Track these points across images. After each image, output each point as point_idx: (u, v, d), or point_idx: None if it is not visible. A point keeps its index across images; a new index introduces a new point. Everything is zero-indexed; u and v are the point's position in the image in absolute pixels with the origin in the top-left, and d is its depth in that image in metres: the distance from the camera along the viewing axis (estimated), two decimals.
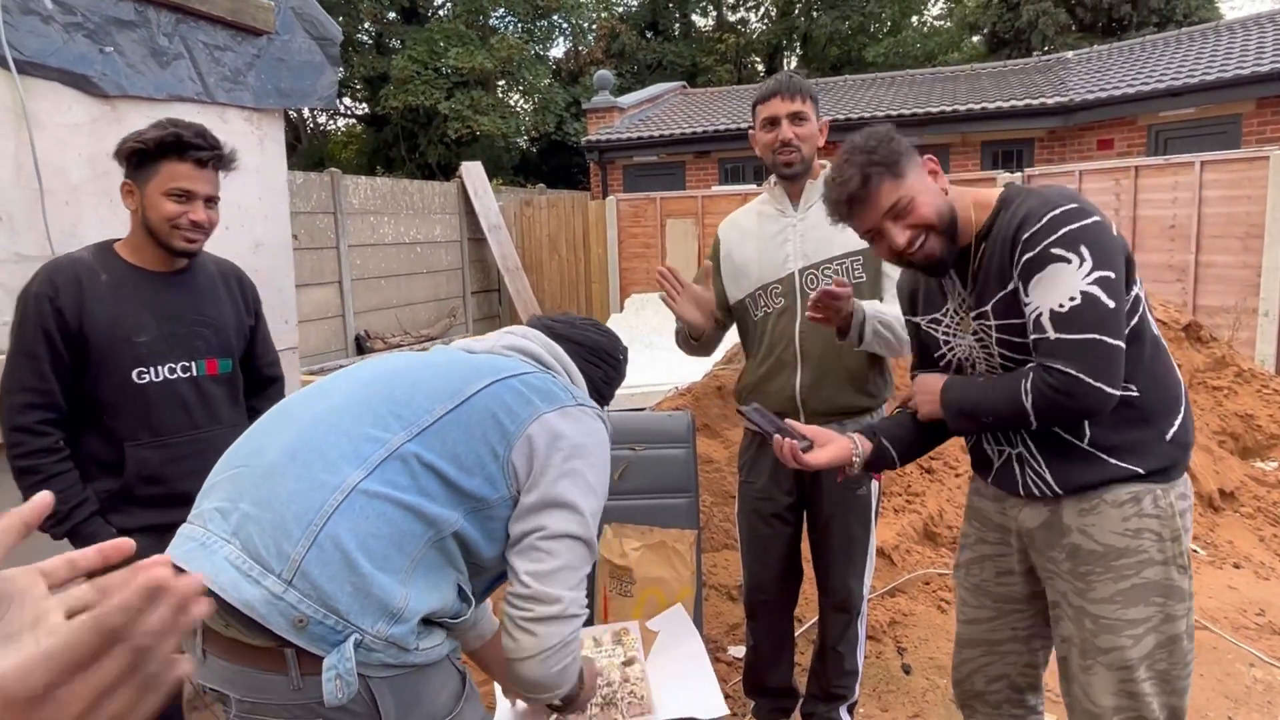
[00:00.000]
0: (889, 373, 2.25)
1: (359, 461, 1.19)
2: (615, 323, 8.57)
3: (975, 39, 20.77)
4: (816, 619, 2.39)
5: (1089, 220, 1.46)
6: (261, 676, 1.14)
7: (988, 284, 1.58)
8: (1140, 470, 1.53)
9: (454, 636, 1.31)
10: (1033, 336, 1.49)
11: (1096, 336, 1.43)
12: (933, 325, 1.76)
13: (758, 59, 23.18)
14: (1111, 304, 1.44)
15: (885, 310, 2.02)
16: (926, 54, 19.69)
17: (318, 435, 1.22)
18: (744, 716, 2.54)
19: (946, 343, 1.74)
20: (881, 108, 11.89)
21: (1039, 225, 1.48)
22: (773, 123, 2.12)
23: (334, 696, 1.10)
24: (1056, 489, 1.58)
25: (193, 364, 1.92)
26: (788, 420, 1.76)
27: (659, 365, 6.55)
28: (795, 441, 1.67)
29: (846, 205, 1.57)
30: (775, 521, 2.25)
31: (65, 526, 1.79)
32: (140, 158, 1.81)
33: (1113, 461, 1.54)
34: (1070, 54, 13.22)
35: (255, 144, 2.77)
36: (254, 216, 2.76)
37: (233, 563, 1.12)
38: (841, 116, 11.79)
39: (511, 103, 18.00)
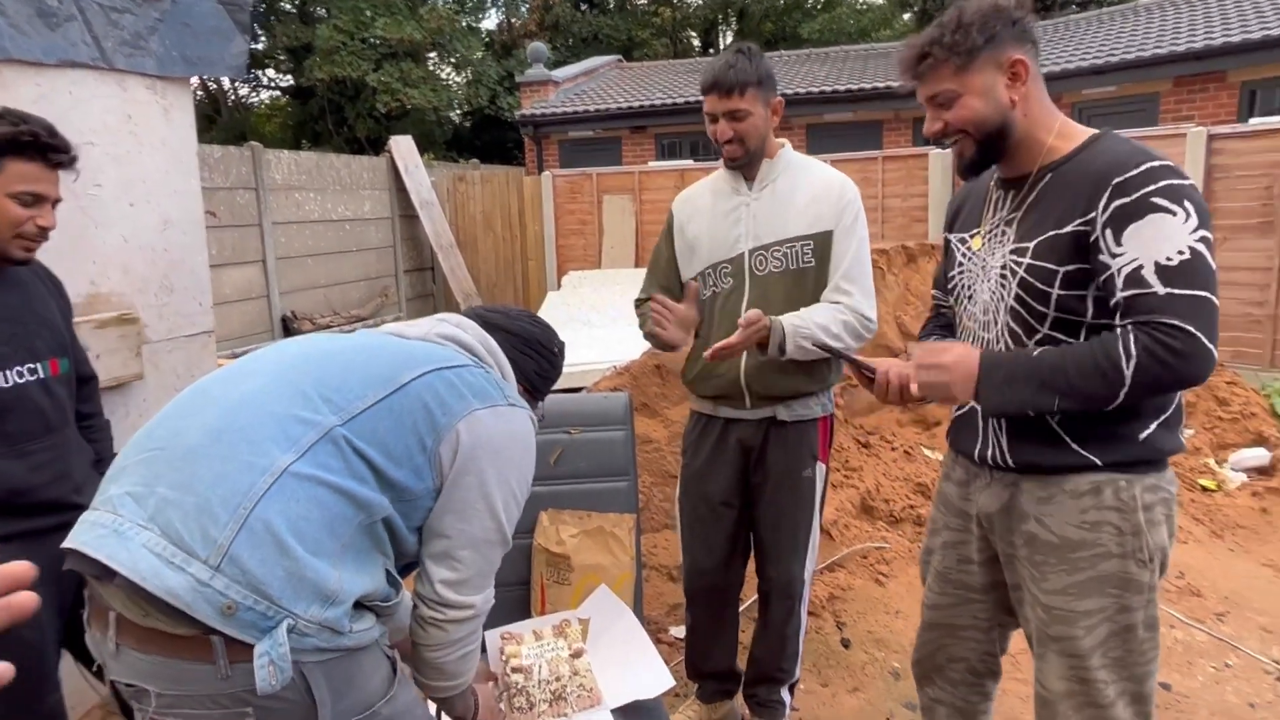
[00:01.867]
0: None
1: (289, 444, 1.16)
2: (552, 300, 8.46)
3: (906, 16, 21.03)
4: (756, 599, 2.37)
5: (1188, 181, 1.36)
6: (185, 667, 1.09)
7: (1042, 219, 1.47)
8: (1098, 462, 1.46)
9: (383, 624, 1.29)
10: (1127, 293, 1.34)
11: (1208, 295, 1.31)
12: (960, 243, 1.69)
13: (694, 33, 23.05)
14: (1214, 266, 1.32)
15: (808, 320, 2.00)
16: (860, 30, 19.83)
17: (243, 416, 1.18)
18: (688, 697, 2.52)
19: (960, 264, 1.66)
20: (816, 83, 11.94)
21: (1136, 171, 1.36)
22: (711, 119, 2.07)
23: (267, 684, 1.08)
24: (1009, 461, 1.54)
25: (38, 365, 1.76)
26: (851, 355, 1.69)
27: (596, 344, 6.48)
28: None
29: (902, 70, 1.52)
30: (718, 505, 2.22)
31: None
32: None
33: (1073, 447, 1.47)
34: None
35: (160, 114, 2.59)
36: (161, 192, 2.59)
37: (152, 549, 1.07)
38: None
39: (443, 75, 17.53)
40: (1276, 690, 2.64)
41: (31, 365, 1.75)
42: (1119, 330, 1.36)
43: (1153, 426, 1.46)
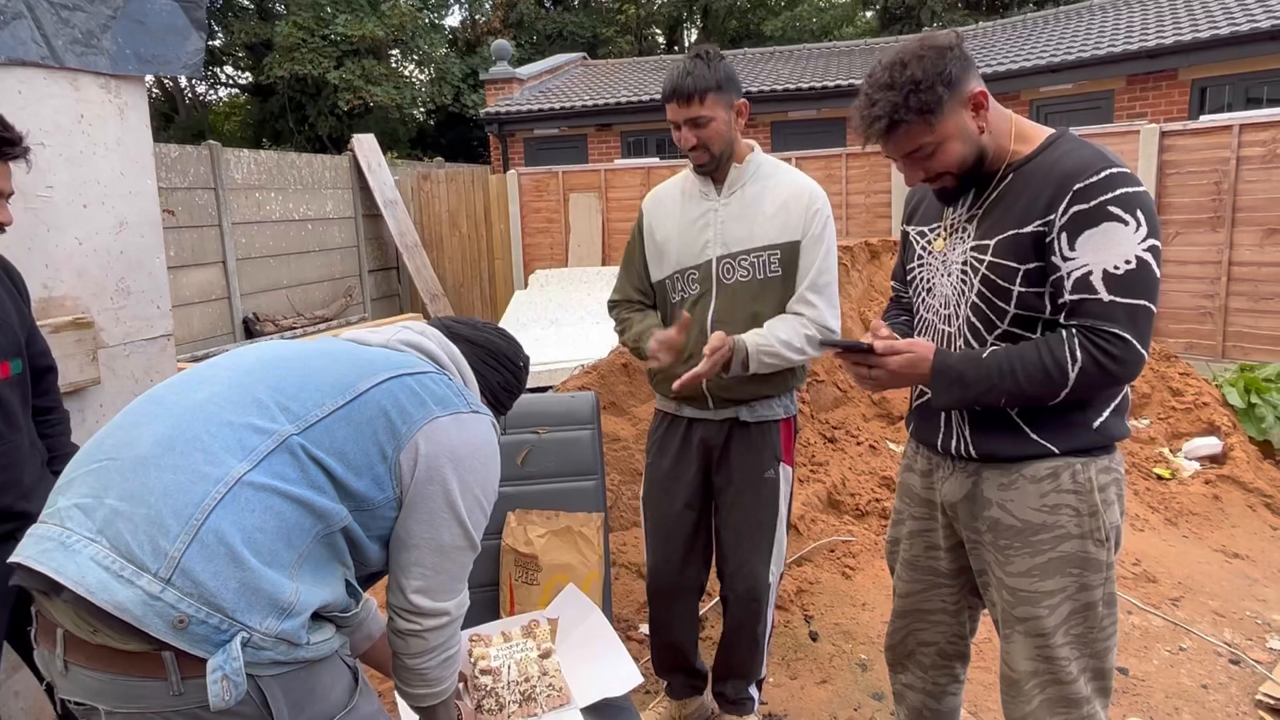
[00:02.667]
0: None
1: (244, 453, 1.13)
2: (519, 299, 8.42)
3: (868, 14, 21.24)
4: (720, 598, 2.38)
5: (1141, 189, 1.42)
6: (136, 684, 1.06)
7: (1003, 218, 1.52)
8: (1055, 450, 1.53)
9: (343, 634, 1.27)
10: (1075, 296, 1.42)
11: (1147, 304, 1.40)
12: (919, 236, 1.72)
13: (659, 31, 23.06)
14: (1159, 274, 1.42)
15: (770, 337, 2.02)
16: (822, 28, 19.99)
17: (196, 425, 1.15)
18: (658, 695, 2.53)
19: (920, 258, 1.70)
20: (780, 81, 12.01)
21: (1096, 178, 1.40)
22: (675, 126, 2.06)
23: (220, 699, 1.05)
24: (973, 453, 1.60)
25: None
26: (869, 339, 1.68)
27: (564, 343, 6.47)
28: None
29: (866, 138, 1.52)
30: (681, 506, 2.22)
31: None
32: None
33: (1032, 436, 1.54)
34: (958, 30, 13.66)
35: (115, 114, 2.53)
36: (116, 193, 2.53)
37: (100, 562, 1.04)
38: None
39: (406, 73, 17.35)
40: (1229, 672, 2.72)
41: None
42: (1064, 332, 1.45)
43: (1105, 414, 1.54)
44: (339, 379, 1.25)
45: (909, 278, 1.76)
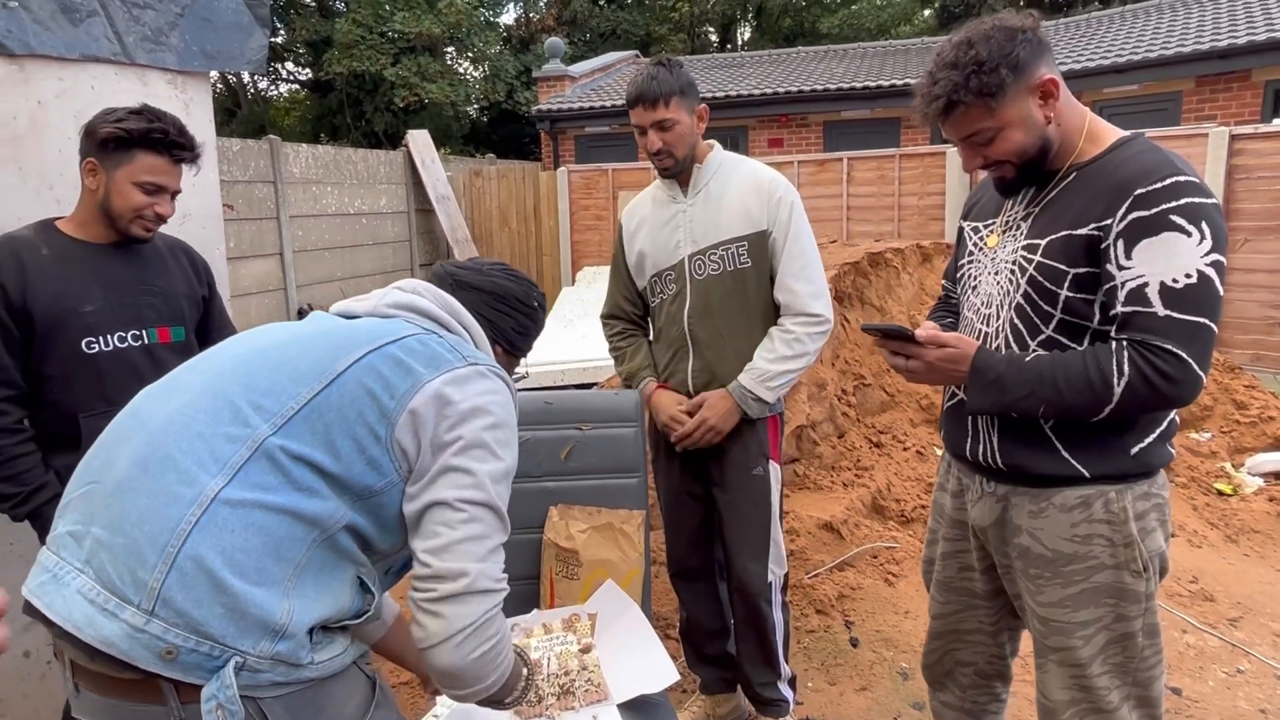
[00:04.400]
0: None
1: (217, 467, 1.06)
2: (566, 296, 8.47)
3: (927, 13, 20.87)
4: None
5: (1210, 200, 1.33)
6: (138, 709, 1.04)
7: (1057, 218, 1.44)
8: (1086, 474, 1.45)
9: (355, 635, 1.21)
10: (1128, 308, 1.34)
11: (1207, 322, 1.31)
12: (974, 232, 1.67)
13: (712, 29, 22.98)
14: (1222, 291, 1.32)
15: (758, 363, 2.12)
16: (880, 26, 19.71)
17: (169, 442, 1.08)
18: (693, 693, 2.53)
19: (970, 254, 1.65)
20: (834, 80, 11.88)
21: (1160, 185, 1.32)
22: (640, 131, 2.13)
23: None
24: (999, 462, 1.53)
25: (143, 332, 1.93)
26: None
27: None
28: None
29: (924, 116, 1.46)
30: (684, 495, 2.32)
31: (26, 509, 1.79)
32: (116, 143, 1.81)
33: (1063, 455, 1.46)
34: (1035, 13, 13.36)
35: (180, 109, 2.61)
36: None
37: (86, 596, 1.01)
38: (795, 89, 11.76)
39: (460, 70, 17.56)
40: None
41: (136, 331, 1.92)
42: (1114, 345, 1.36)
43: (1147, 441, 1.45)
44: (314, 363, 1.15)
45: (958, 275, 1.71)
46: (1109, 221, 1.36)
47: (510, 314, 1.44)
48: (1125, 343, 1.34)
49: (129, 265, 1.95)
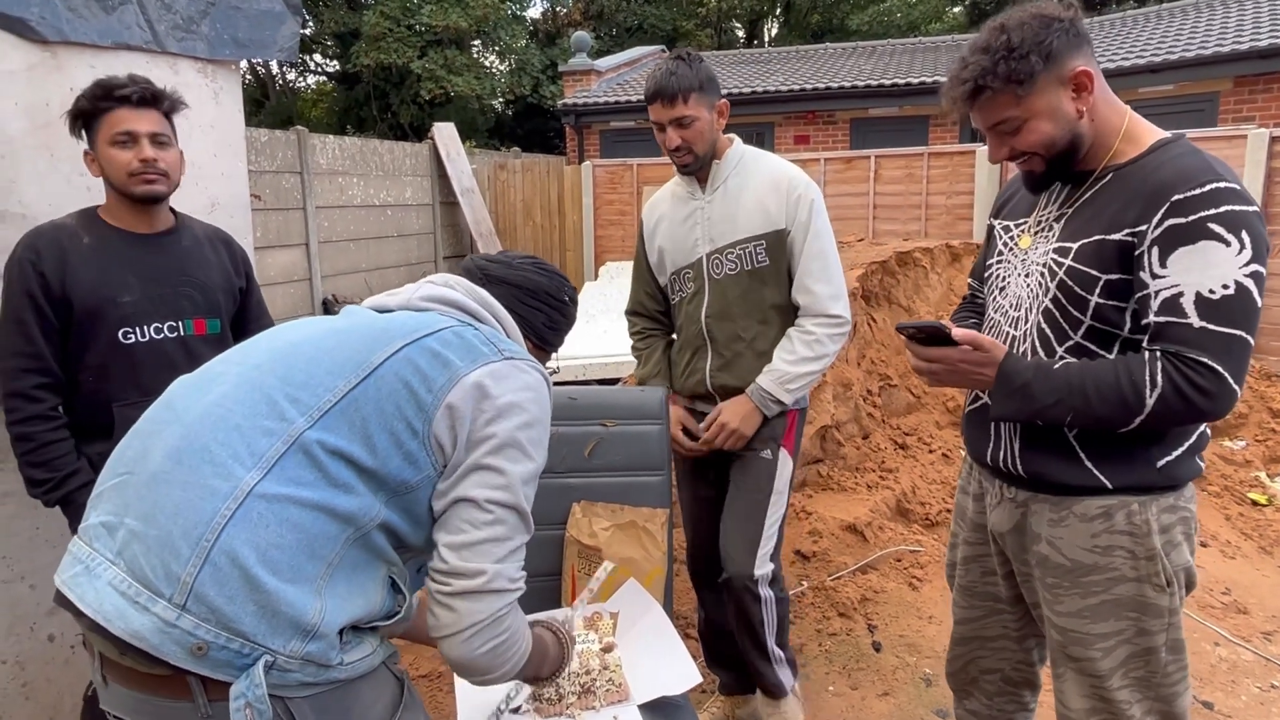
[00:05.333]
0: None
1: (253, 460, 1.05)
2: (590, 290, 8.45)
3: (957, 9, 20.64)
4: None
5: (1252, 208, 1.28)
6: (166, 704, 1.03)
7: (1091, 221, 1.39)
8: (1109, 485, 1.41)
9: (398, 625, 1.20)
10: (1161, 318, 1.29)
11: (1244, 334, 1.26)
12: (1004, 230, 1.62)
13: (739, 25, 22.86)
14: (1260, 303, 1.27)
15: (779, 365, 2.09)
16: (909, 23, 19.52)
17: (204, 434, 1.07)
18: (713, 693, 2.51)
19: (1000, 254, 1.60)
20: (862, 77, 11.77)
21: (1198, 191, 1.27)
22: (659, 127, 2.09)
23: None
24: (1019, 469, 1.50)
25: (179, 324, 1.95)
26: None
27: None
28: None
29: (950, 100, 1.42)
30: (702, 490, 2.30)
31: (58, 494, 1.81)
32: (84, 120, 1.83)
33: (1086, 464, 1.42)
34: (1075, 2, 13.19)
35: (210, 97, 2.62)
36: (209, 175, 2.62)
37: (117, 588, 1.01)
38: (823, 85, 11.66)
39: (487, 63, 17.60)
40: None
41: (173, 323, 1.93)
42: (1147, 355, 1.31)
43: (1175, 453, 1.41)
44: (351, 356, 1.14)
45: (986, 274, 1.66)
46: (1144, 228, 1.31)
47: (542, 308, 1.42)
48: (1159, 354, 1.30)
49: (169, 256, 1.96)
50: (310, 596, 1.04)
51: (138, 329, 1.88)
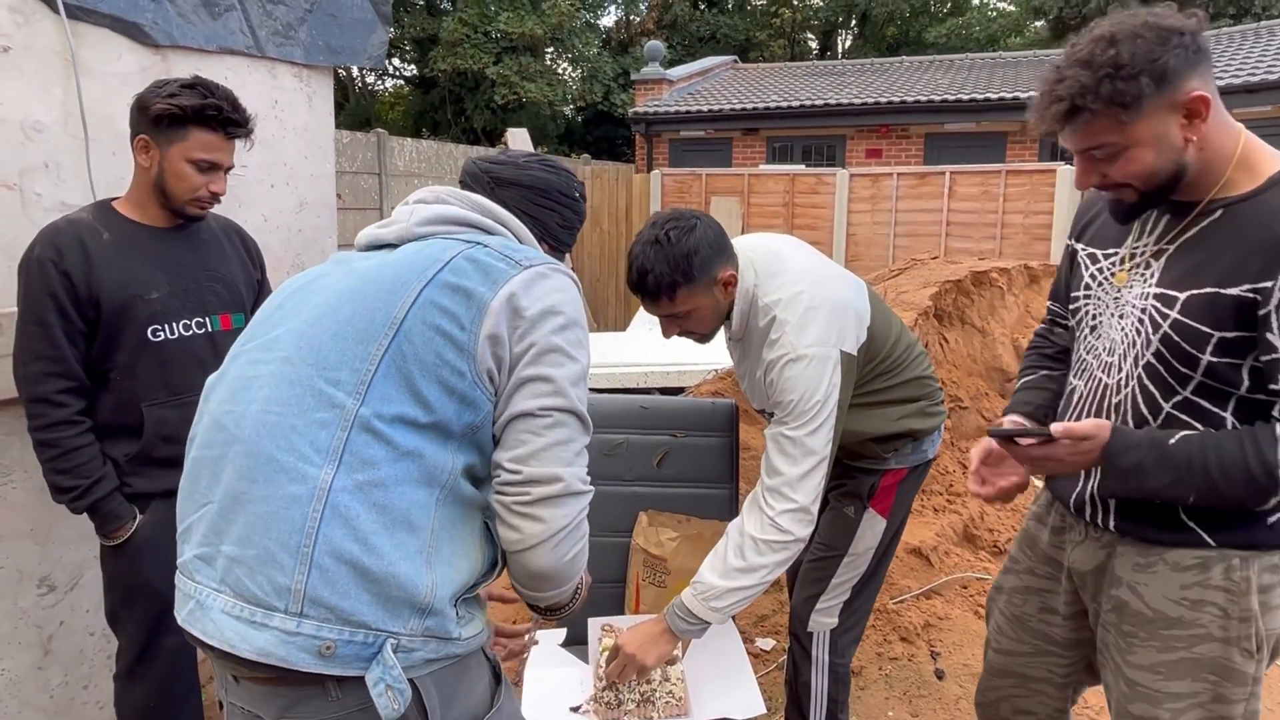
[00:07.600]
0: (908, 436, 1.95)
1: (320, 457, 1.04)
2: None
3: (1039, 24, 20.13)
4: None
5: None
6: (296, 693, 1.06)
7: (1201, 268, 1.23)
8: (1211, 541, 1.29)
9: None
10: None
11: None
12: (1091, 260, 1.44)
13: (812, 36, 22.71)
14: None
15: (705, 577, 1.69)
16: (989, 37, 19.13)
17: (265, 444, 1.06)
18: (777, 714, 2.48)
19: (1088, 290, 1.43)
20: (939, 92, 11.57)
21: None
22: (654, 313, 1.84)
23: (391, 709, 1.01)
24: (1112, 524, 1.38)
25: (206, 319, 1.90)
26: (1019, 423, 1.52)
27: (696, 345, 6.45)
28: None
29: (1040, 120, 1.26)
30: None
31: (85, 502, 1.76)
32: (169, 120, 1.74)
33: (1183, 518, 1.31)
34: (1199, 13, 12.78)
35: (304, 101, 2.72)
36: (299, 175, 2.72)
37: (230, 613, 1.03)
38: (897, 99, 11.50)
39: (559, 70, 17.84)
40: None
41: (200, 319, 1.89)
42: (1276, 427, 1.19)
43: None
44: (372, 317, 1.09)
45: (1072, 307, 1.50)
46: (1269, 284, 1.15)
47: (555, 208, 1.37)
48: None
49: (191, 250, 1.90)
50: (420, 570, 1.05)
51: (166, 326, 1.82)
